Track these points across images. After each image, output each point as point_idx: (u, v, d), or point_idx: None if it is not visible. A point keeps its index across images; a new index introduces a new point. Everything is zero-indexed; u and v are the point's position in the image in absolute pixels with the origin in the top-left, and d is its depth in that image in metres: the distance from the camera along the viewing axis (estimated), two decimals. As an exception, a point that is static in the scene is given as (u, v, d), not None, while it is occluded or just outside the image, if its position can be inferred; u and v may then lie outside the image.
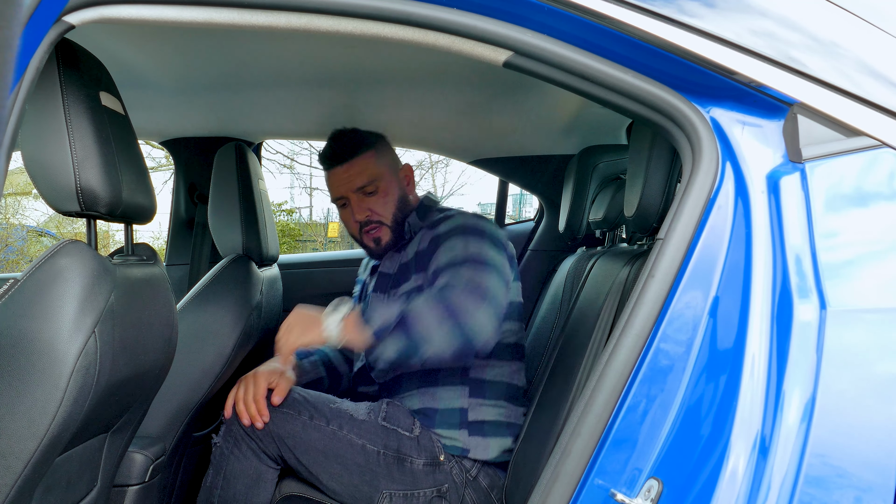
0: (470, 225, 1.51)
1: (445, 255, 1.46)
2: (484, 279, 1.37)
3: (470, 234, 1.48)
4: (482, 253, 1.44)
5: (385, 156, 1.68)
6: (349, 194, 1.65)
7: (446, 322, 1.29)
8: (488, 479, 1.51)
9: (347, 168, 1.64)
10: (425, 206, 1.69)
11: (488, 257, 1.43)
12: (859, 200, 0.80)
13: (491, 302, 1.34)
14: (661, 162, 1.12)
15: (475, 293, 1.33)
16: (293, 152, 12.69)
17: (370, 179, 1.64)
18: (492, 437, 1.51)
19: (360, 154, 1.64)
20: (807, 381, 0.70)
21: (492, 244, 1.47)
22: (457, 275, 1.39)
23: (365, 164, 1.64)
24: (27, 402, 0.86)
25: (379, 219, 1.65)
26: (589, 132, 2.23)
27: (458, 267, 1.41)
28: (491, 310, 1.33)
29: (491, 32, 0.82)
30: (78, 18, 0.79)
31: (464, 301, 1.32)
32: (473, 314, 1.30)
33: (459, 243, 1.46)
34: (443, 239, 1.50)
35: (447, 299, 1.32)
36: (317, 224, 12.56)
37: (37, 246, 8.86)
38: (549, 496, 0.80)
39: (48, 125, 0.92)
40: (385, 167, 1.66)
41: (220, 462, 1.52)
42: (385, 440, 1.48)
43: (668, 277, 0.80)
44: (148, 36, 1.51)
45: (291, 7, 0.82)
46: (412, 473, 1.48)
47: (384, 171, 1.66)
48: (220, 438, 1.54)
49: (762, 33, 0.80)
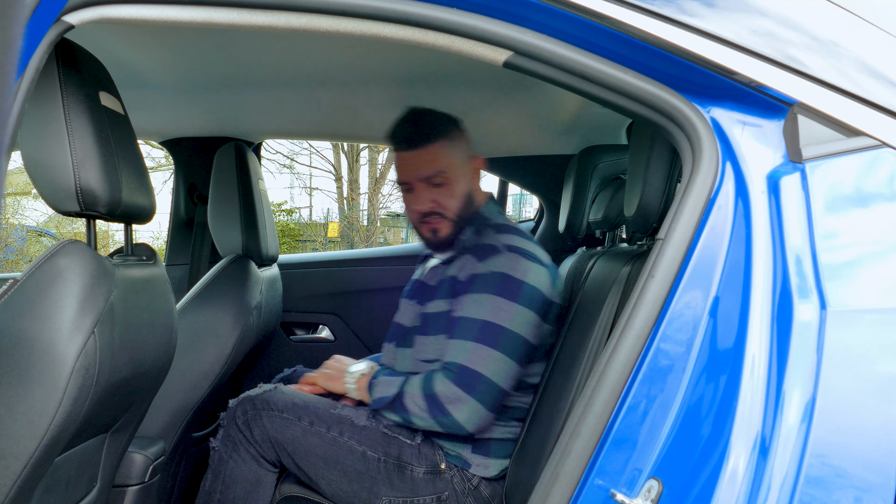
0: (510, 277, 1.45)
1: (470, 307, 1.44)
2: (490, 356, 1.39)
3: (504, 290, 1.43)
4: (506, 315, 1.42)
5: (457, 146, 1.58)
6: (414, 182, 1.57)
7: (436, 413, 1.40)
8: (490, 488, 1.49)
9: (416, 155, 1.55)
10: (484, 217, 1.61)
11: (509, 321, 1.42)
12: (859, 200, 0.80)
13: (486, 389, 1.39)
14: (661, 162, 1.12)
15: (471, 381, 1.39)
16: (293, 152, 12.71)
17: (438, 171, 1.54)
18: (493, 458, 1.49)
19: (432, 142, 1.54)
20: (807, 381, 0.70)
21: (525, 301, 1.44)
22: (465, 346, 1.41)
23: (435, 154, 1.55)
24: (27, 402, 0.85)
25: (442, 211, 1.57)
26: (589, 132, 2.23)
27: (472, 329, 1.42)
28: (485, 395, 1.38)
29: (491, 32, 0.82)
30: (78, 18, 0.79)
31: (454, 393, 1.38)
32: (462, 408, 1.38)
33: (486, 302, 1.43)
34: (478, 284, 1.46)
35: (438, 393, 1.39)
36: (317, 224, 12.57)
37: (37, 246, 8.86)
38: (549, 496, 0.80)
39: (48, 125, 0.92)
40: (455, 158, 1.57)
41: (219, 466, 1.51)
42: (386, 447, 1.47)
43: (668, 277, 0.80)
44: (148, 36, 1.51)
45: (291, 7, 0.81)
46: (412, 481, 1.47)
47: (454, 162, 1.57)
48: (217, 442, 1.53)
49: (762, 33, 0.80)
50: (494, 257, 1.47)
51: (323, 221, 12.74)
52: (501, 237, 1.52)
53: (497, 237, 1.52)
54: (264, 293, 1.83)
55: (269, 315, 1.90)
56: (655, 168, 1.13)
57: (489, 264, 1.47)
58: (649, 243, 1.33)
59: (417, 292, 1.66)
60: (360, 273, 2.54)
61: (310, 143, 12.05)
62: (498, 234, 1.53)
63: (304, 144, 12.23)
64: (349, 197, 12.13)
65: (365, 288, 2.51)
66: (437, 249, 1.63)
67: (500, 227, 1.57)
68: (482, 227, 1.59)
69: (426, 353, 1.53)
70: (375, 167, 12.35)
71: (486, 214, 1.61)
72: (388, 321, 2.50)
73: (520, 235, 1.55)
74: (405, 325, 1.63)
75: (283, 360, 2.30)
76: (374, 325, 2.48)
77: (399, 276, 2.53)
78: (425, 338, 1.54)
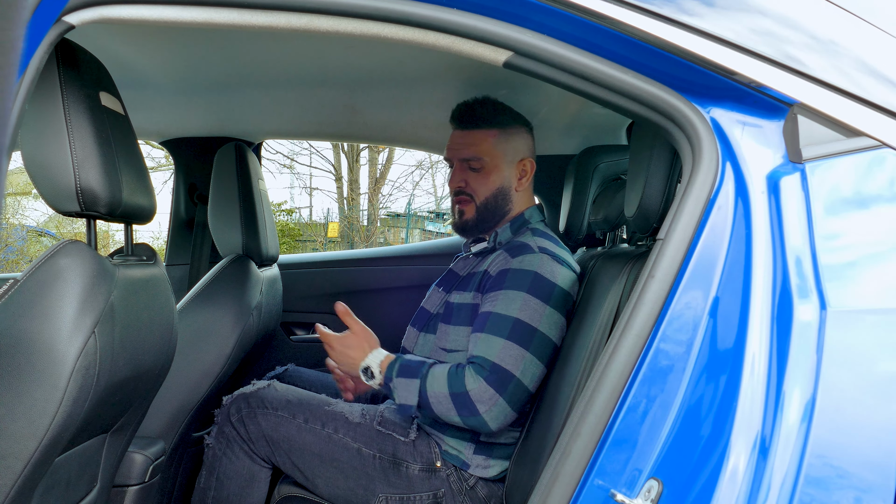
0: (541, 276, 1.46)
1: (502, 303, 1.44)
2: (522, 356, 1.39)
3: (536, 290, 1.44)
4: (538, 315, 1.42)
5: (508, 142, 1.63)
6: (455, 160, 1.65)
7: (464, 414, 1.38)
8: (487, 489, 1.49)
9: (464, 135, 1.63)
10: (525, 219, 1.64)
11: (541, 322, 1.42)
12: (859, 201, 0.80)
13: (515, 389, 1.37)
14: (662, 162, 1.12)
15: (503, 380, 1.37)
16: (293, 152, 12.71)
17: (477, 156, 1.61)
18: (495, 459, 1.49)
19: (482, 128, 1.61)
20: (807, 381, 0.70)
21: (555, 303, 1.45)
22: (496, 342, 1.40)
23: (481, 139, 1.61)
24: (27, 402, 0.85)
25: (471, 193, 1.63)
26: (589, 132, 2.23)
27: (504, 326, 1.41)
28: (514, 396, 1.37)
29: (491, 32, 0.82)
30: (78, 18, 0.79)
31: (486, 392, 1.36)
32: (493, 408, 1.37)
33: (518, 300, 1.43)
34: (509, 280, 1.46)
35: (469, 391, 1.37)
36: (317, 224, 12.56)
37: (37, 246, 8.86)
38: (548, 496, 0.80)
39: (48, 125, 0.92)
40: (500, 152, 1.62)
41: (213, 463, 1.52)
42: (380, 444, 1.48)
43: (668, 278, 0.80)
44: (148, 36, 1.51)
45: (291, 7, 0.81)
46: (408, 478, 1.47)
47: (497, 154, 1.62)
48: (212, 439, 1.53)
49: (762, 33, 0.80)
50: (527, 255, 1.50)
51: (323, 221, 12.74)
52: (537, 239, 1.56)
53: (533, 238, 1.56)
54: (264, 293, 1.83)
55: (269, 315, 1.90)
56: (656, 168, 1.13)
57: (521, 262, 1.49)
58: (649, 243, 1.33)
59: (446, 280, 1.69)
60: (360, 273, 2.53)
61: (310, 143, 12.05)
62: (534, 237, 1.57)
63: (304, 144, 12.23)
64: (349, 197, 12.13)
65: (365, 288, 2.51)
66: (460, 232, 1.69)
67: (537, 231, 1.61)
68: (521, 228, 1.63)
69: (448, 343, 1.55)
70: (375, 167, 12.35)
71: (528, 218, 1.65)
72: (388, 321, 2.50)
73: (554, 242, 1.58)
74: (430, 311, 1.65)
75: (283, 361, 2.30)
76: (375, 326, 2.47)
77: (399, 276, 2.53)
78: (448, 326, 1.56)
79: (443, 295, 1.64)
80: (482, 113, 1.62)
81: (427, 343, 1.61)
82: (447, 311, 1.58)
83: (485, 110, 1.62)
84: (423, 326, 1.64)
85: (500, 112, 1.63)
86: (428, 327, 1.63)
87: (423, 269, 2.50)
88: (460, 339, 1.53)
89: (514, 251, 1.52)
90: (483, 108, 1.62)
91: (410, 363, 1.46)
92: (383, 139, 2.71)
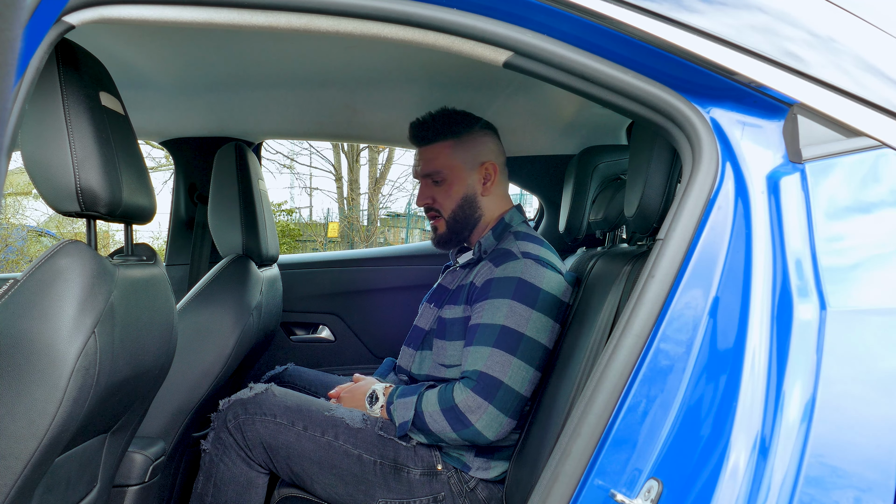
0: (525, 282, 1.45)
1: (489, 313, 1.44)
2: (509, 362, 1.39)
3: (521, 295, 1.44)
4: (524, 321, 1.42)
5: (465, 149, 1.61)
6: (419, 177, 1.66)
7: (457, 427, 1.39)
8: (487, 491, 1.49)
9: (421, 152, 1.65)
10: (506, 223, 1.63)
11: (527, 327, 1.42)
12: (859, 201, 0.80)
13: (505, 395, 1.38)
14: (662, 162, 1.12)
15: (491, 388, 1.38)
16: (293, 152, 12.73)
17: (436, 170, 1.61)
18: (496, 461, 1.49)
19: (436, 141, 1.61)
20: (807, 381, 0.70)
21: (542, 307, 1.45)
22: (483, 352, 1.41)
23: (437, 153, 1.61)
24: (27, 402, 0.85)
25: (438, 208, 1.64)
26: (589, 132, 2.23)
27: (491, 335, 1.41)
28: (505, 402, 1.38)
29: (491, 33, 0.82)
30: (78, 18, 0.79)
31: (474, 401, 1.37)
32: (483, 416, 1.37)
33: (504, 307, 1.43)
34: (494, 289, 1.46)
35: (457, 403, 1.39)
36: (317, 224, 12.56)
37: (37, 246, 8.86)
38: (548, 496, 0.80)
39: (48, 125, 0.92)
40: (459, 162, 1.61)
41: (210, 469, 1.51)
42: (382, 450, 1.47)
43: (668, 278, 0.80)
44: (148, 36, 1.51)
45: (291, 7, 0.81)
46: (409, 483, 1.46)
47: (456, 164, 1.61)
48: (208, 445, 1.52)
49: (761, 31, 0.80)
50: (510, 262, 1.49)
51: (323, 221, 12.74)
52: (519, 244, 1.54)
53: (515, 243, 1.55)
54: (264, 293, 1.83)
55: (269, 315, 1.90)
56: (655, 168, 1.13)
57: (505, 269, 1.48)
58: (649, 243, 1.33)
59: (436, 296, 1.68)
60: (360, 273, 2.54)
61: (310, 143, 12.05)
62: (516, 241, 1.56)
63: (304, 144, 12.24)
64: (349, 197, 12.13)
65: (365, 288, 2.51)
66: (439, 247, 1.70)
67: (520, 235, 1.59)
68: (503, 233, 1.62)
69: (445, 358, 1.55)
70: (375, 167, 12.35)
71: (508, 221, 1.64)
72: (388, 321, 2.50)
73: (537, 243, 1.57)
74: (423, 328, 1.65)
75: (283, 361, 2.30)
76: (374, 326, 2.48)
77: (399, 276, 2.53)
78: (444, 342, 1.56)
79: (434, 311, 1.64)
80: (434, 126, 1.61)
81: (425, 360, 1.61)
82: (440, 327, 1.58)
83: (437, 123, 1.61)
84: (419, 345, 1.64)
85: (453, 122, 1.62)
86: (424, 345, 1.62)
87: (423, 269, 2.50)
88: (457, 353, 1.53)
89: (497, 259, 1.52)
90: (435, 122, 1.62)
91: (410, 386, 1.52)
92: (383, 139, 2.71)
